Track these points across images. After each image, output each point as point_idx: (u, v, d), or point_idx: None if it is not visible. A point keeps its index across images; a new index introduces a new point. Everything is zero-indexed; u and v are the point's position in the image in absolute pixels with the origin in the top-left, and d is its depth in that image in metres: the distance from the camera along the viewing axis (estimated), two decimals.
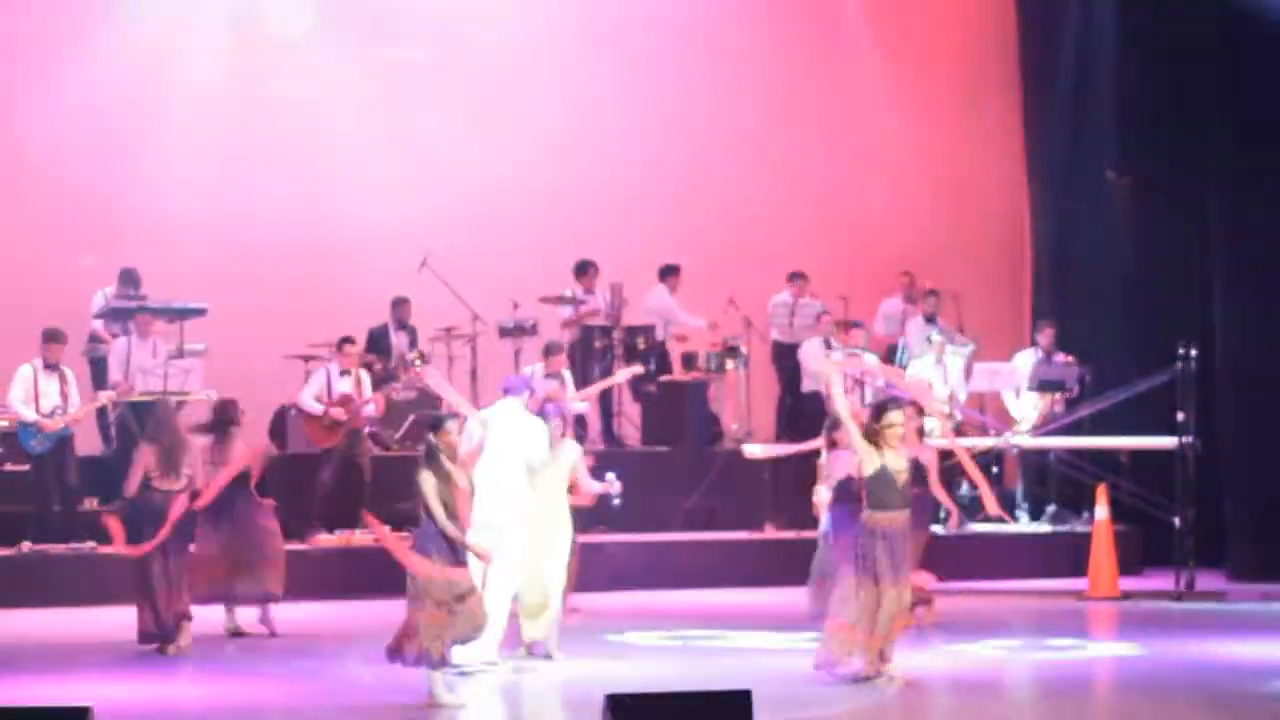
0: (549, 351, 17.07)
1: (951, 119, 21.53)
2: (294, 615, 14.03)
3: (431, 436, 10.93)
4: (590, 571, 14.04)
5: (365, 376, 17.25)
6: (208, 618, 13.63)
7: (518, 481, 12.16)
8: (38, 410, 15.88)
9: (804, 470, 14.48)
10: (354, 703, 11.25)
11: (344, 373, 17.02)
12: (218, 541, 13.67)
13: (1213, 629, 14.32)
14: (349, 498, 16.71)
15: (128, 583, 13.31)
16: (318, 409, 16.91)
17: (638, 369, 17.11)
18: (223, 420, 13.81)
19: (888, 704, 11.02)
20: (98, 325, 17.80)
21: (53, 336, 16.11)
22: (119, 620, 13.78)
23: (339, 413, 16.86)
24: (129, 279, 17.68)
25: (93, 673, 12.39)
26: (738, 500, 17.93)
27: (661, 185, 20.63)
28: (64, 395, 16.01)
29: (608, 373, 18.12)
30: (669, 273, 19.52)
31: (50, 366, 16.04)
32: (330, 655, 12.89)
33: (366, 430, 17.51)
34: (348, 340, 17.11)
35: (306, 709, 11.22)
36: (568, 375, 17.07)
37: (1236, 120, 17.94)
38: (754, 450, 16.15)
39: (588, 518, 13.92)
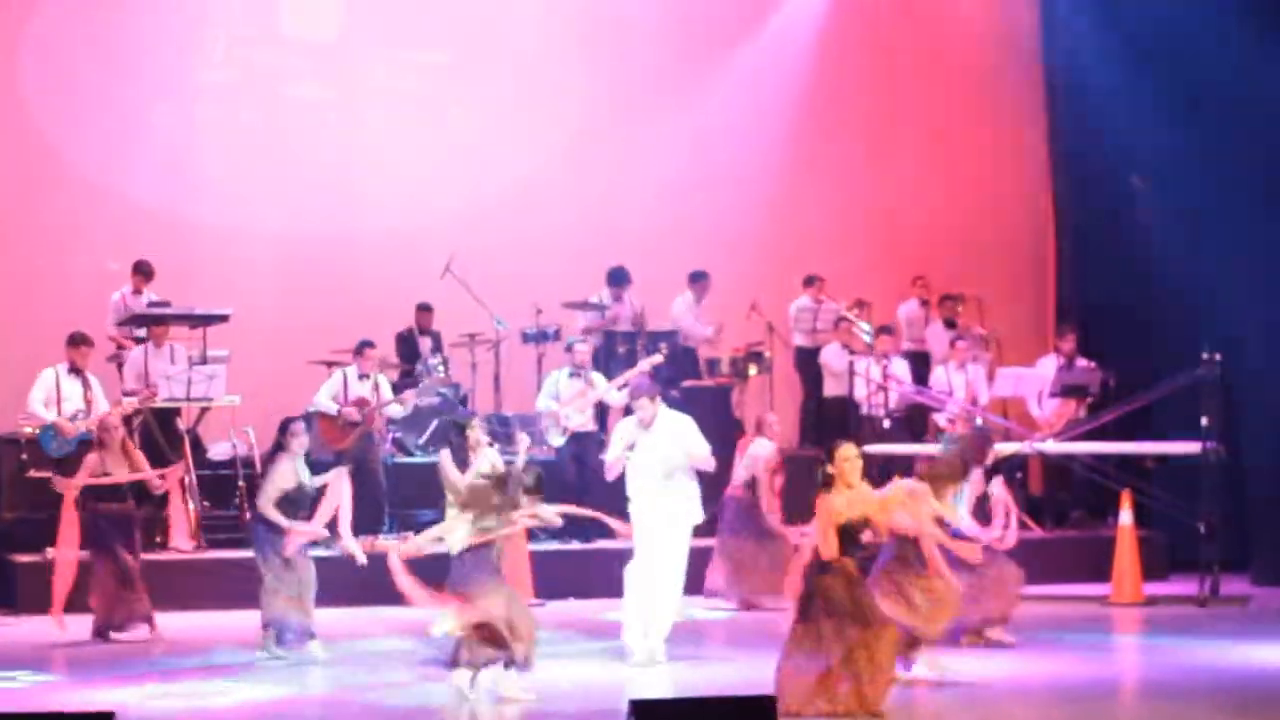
0: (571, 348, 17.19)
1: (974, 122, 21.50)
2: (323, 621, 14.01)
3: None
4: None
5: (384, 380, 17.26)
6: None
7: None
8: (59, 414, 15.90)
9: None
10: (386, 709, 11.27)
11: (362, 376, 17.04)
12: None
13: (1237, 634, 14.29)
14: (363, 502, 16.71)
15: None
16: (333, 408, 16.93)
17: (657, 359, 17.18)
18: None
19: (916, 708, 11.00)
20: (115, 330, 17.71)
21: (80, 341, 16.12)
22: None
23: (353, 413, 16.87)
24: (140, 270, 17.71)
25: (118, 678, 12.41)
26: None
27: (685, 190, 20.59)
28: (87, 400, 16.00)
29: None
30: (695, 279, 19.51)
31: (74, 370, 16.05)
32: (358, 662, 12.88)
33: (391, 435, 17.54)
34: (367, 344, 17.13)
35: (335, 717, 11.25)
36: (597, 377, 17.14)
37: (1262, 120, 17.91)
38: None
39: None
